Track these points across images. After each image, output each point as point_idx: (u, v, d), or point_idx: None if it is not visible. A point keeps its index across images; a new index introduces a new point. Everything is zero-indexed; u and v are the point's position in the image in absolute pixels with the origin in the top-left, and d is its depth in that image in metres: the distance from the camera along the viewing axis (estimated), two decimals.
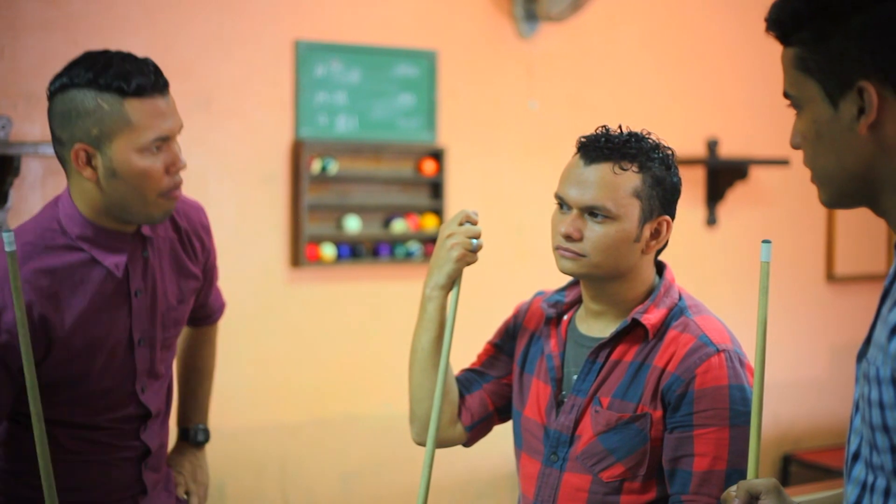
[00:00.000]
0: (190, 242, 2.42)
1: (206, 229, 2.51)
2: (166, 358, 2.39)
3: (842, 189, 1.40)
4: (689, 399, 1.95)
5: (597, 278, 2.05)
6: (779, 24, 1.38)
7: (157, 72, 2.14)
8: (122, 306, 2.23)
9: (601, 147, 2.02)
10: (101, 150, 2.09)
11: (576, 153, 2.07)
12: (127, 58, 2.13)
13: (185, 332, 2.68)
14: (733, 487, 1.56)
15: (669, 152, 2.09)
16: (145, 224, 2.22)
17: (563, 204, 2.05)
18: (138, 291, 2.25)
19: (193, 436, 2.67)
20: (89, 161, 2.10)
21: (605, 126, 2.08)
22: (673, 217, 2.09)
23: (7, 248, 1.74)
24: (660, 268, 2.14)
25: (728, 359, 1.98)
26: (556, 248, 2.05)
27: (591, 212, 2.01)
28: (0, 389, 2.11)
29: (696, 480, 1.94)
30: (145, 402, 2.32)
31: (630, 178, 2.01)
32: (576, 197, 2.02)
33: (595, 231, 2.00)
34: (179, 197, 2.21)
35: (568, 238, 2.02)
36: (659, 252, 2.12)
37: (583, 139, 2.07)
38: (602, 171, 2.01)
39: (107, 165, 2.09)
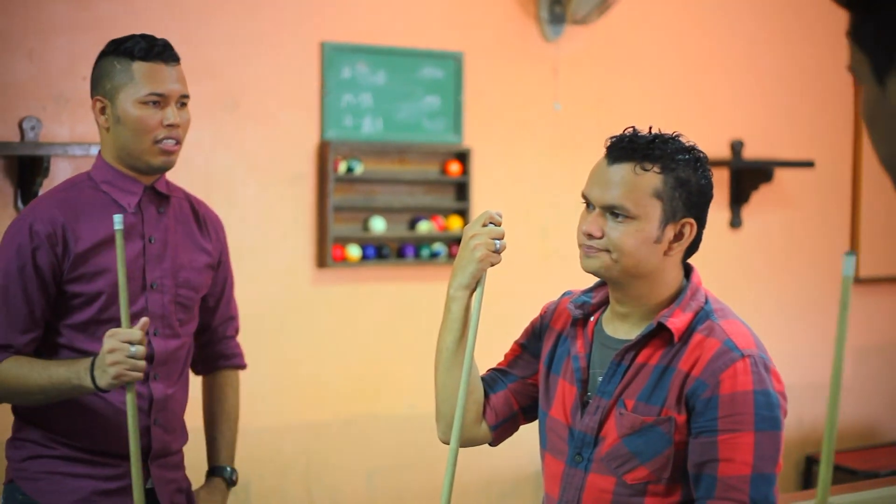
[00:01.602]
0: (206, 226, 2.80)
1: (222, 233, 2.87)
2: (183, 318, 2.69)
3: None
4: (714, 404, 1.95)
5: (619, 278, 2.06)
6: None
7: (165, 45, 2.58)
8: (136, 244, 2.60)
9: (624, 147, 2.03)
10: (113, 102, 2.56)
11: (605, 154, 2.08)
12: (145, 35, 2.59)
13: (209, 380, 2.96)
14: None
15: (701, 155, 2.09)
16: (148, 171, 2.61)
17: (588, 203, 2.08)
18: (152, 238, 2.63)
19: (229, 475, 2.89)
20: (103, 111, 2.58)
21: (633, 127, 2.09)
22: (700, 220, 2.09)
23: (116, 227, 2.27)
24: (687, 270, 2.14)
25: (753, 364, 1.97)
26: (580, 246, 2.08)
27: (611, 211, 2.02)
28: (34, 295, 2.52)
29: (721, 486, 1.93)
30: (154, 345, 2.60)
31: (651, 179, 2.01)
32: (598, 196, 2.04)
33: (615, 230, 2.02)
34: (176, 152, 2.60)
35: (589, 236, 2.04)
36: (688, 255, 2.12)
37: (611, 139, 2.08)
38: (624, 170, 2.02)
39: (115, 114, 2.56)
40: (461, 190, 4.64)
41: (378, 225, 4.45)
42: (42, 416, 2.59)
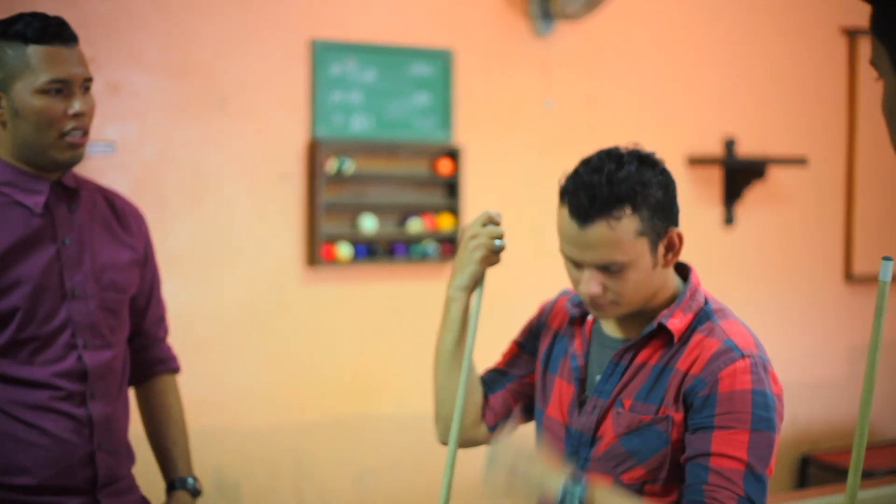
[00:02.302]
0: (125, 220, 2.51)
1: (144, 225, 2.58)
2: (113, 325, 2.42)
3: None
4: (712, 401, 1.94)
5: (632, 312, 2.03)
6: None
7: (61, 25, 2.29)
8: (48, 249, 2.32)
9: (588, 208, 1.93)
10: (7, 93, 2.25)
11: (562, 202, 1.98)
12: (36, 14, 2.30)
13: (146, 388, 2.66)
14: None
15: (656, 163, 2.01)
16: (54, 168, 2.33)
17: (573, 261, 2.01)
18: (66, 239, 2.36)
19: (192, 485, 2.61)
20: None
21: (572, 174, 1.98)
22: (677, 222, 2.03)
23: None
24: (685, 271, 2.12)
25: (753, 364, 1.96)
26: (588, 305, 2.02)
27: (604, 267, 1.97)
28: None
29: (714, 475, 1.91)
30: (85, 358, 2.35)
31: (628, 224, 1.94)
32: (584, 258, 1.97)
33: (616, 283, 1.97)
34: (84, 144, 2.32)
35: (593, 298, 1.99)
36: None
37: (565, 186, 1.98)
38: (599, 230, 1.93)
39: (11, 106, 2.26)
40: (452, 188, 4.62)
41: (368, 223, 4.43)
42: None
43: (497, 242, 2.10)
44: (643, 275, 1.98)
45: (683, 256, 2.14)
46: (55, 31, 2.26)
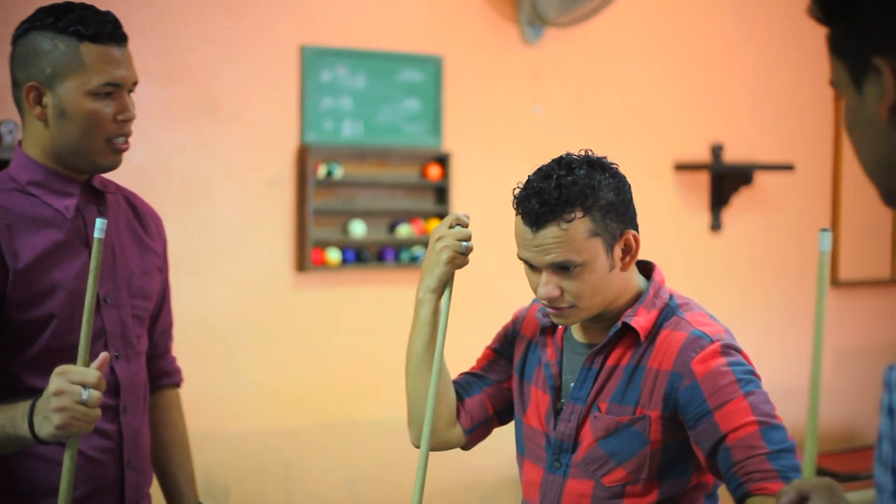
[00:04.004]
0: (147, 223, 2.41)
1: (163, 228, 2.48)
2: (140, 334, 2.31)
3: (886, 185, 1.22)
4: (696, 389, 1.95)
5: (595, 315, 2.05)
6: (816, 4, 1.28)
7: (116, 23, 2.19)
8: (81, 254, 2.20)
9: (539, 212, 1.97)
10: (53, 90, 2.13)
11: (517, 211, 2.02)
12: (89, 7, 2.18)
13: (151, 403, 2.48)
14: (785, 487, 1.52)
15: (606, 165, 2.03)
16: (93, 172, 2.23)
17: (530, 265, 2.04)
18: None
19: None
20: (39, 100, 2.15)
21: (522, 185, 2.03)
22: (634, 223, 2.04)
23: (97, 235, 1.89)
24: (648, 270, 2.14)
25: (723, 346, 1.98)
26: (549, 310, 2.05)
27: (558, 267, 1.99)
28: None
29: (737, 451, 1.91)
30: (118, 371, 2.23)
31: (579, 225, 1.96)
32: (539, 260, 2.00)
33: (572, 284, 1.99)
34: (127, 150, 2.22)
35: (550, 300, 2.01)
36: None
37: (518, 195, 2.02)
38: (550, 233, 1.97)
39: (56, 105, 2.14)
40: (441, 193, 4.63)
41: (358, 229, 4.44)
42: None
43: (464, 244, 2.10)
44: (599, 276, 1.99)
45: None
46: (111, 30, 2.17)
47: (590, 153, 2.05)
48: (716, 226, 5.32)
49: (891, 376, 1.18)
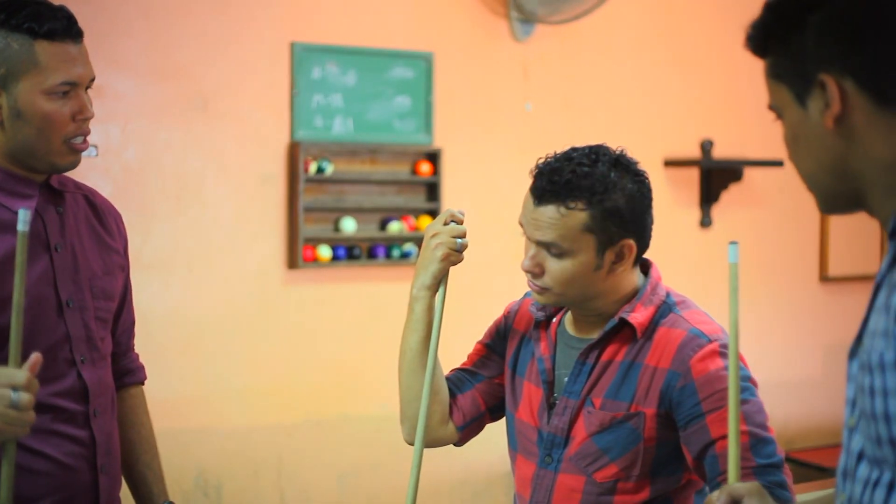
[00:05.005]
0: (107, 220, 2.32)
1: (123, 225, 2.39)
2: (104, 336, 2.24)
3: (827, 190, 1.40)
4: (692, 390, 1.96)
5: (571, 304, 2.07)
6: (752, 40, 1.42)
7: (70, 18, 2.10)
8: (42, 258, 2.13)
9: (545, 188, 1.99)
10: (7, 90, 2.04)
11: (532, 178, 2.04)
12: (41, 2, 2.09)
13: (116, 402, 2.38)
14: (716, 493, 1.56)
15: (631, 165, 2.04)
16: (51, 172, 2.15)
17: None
18: (58, 246, 2.16)
19: None
20: None
21: (552, 156, 2.03)
22: (640, 233, 2.04)
23: (20, 228, 1.73)
24: (646, 266, 2.14)
25: (721, 346, 1.98)
26: (528, 281, 2.07)
27: (546, 247, 2.01)
28: None
29: (724, 461, 1.91)
30: (85, 375, 2.16)
31: (578, 217, 1.97)
32: (530, 233, 2.02)
33: (554, 265, 2.00)
34: (85, 149, 2.15)
35: (531, 274, 2.03)
36: (641, 253, 2.08)
37: (539, 164, 2.03)
38: (550, 211, 1.98)
39: (12, 105, 2.05)
40: (432, 190, 4.64)
41: (349, 225, 4.45)
42: None
43: (459, 241, 2.11)
44: (580, 271, 2.00)
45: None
46: (65, 27, 2.07)
47: (625, 152, 2.06)
48: (705, 222, 5.34)
49: (850, 367, 1.33)
